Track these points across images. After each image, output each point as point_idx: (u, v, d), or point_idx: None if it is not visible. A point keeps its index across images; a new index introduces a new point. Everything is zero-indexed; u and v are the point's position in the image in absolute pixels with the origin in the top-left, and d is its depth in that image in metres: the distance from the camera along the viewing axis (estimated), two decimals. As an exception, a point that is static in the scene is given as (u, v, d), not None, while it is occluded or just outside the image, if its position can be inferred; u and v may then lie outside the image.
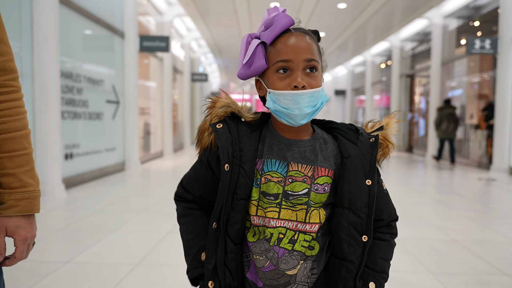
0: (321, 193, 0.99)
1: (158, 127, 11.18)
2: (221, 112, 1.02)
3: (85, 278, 2.63)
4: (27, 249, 0.95)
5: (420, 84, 13.91)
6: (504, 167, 7.99)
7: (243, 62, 0.97)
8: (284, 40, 0.95)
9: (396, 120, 1.07)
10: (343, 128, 1.05)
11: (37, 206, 0.95)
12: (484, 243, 3.53)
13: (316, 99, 0.94)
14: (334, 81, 24.93)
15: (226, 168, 0.97)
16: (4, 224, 0.91)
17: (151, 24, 10.72)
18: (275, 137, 1.02)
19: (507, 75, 7.95)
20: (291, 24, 0.96)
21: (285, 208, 0.98)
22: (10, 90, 0.91)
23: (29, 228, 0.94)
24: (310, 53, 0.94)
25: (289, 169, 0.99)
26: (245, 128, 1.01)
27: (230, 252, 0.99)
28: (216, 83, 27.32)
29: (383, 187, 1.05)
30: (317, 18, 11.03)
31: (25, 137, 0.93)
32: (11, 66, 0.92)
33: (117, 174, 7.39)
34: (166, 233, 3.58)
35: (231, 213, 0.98)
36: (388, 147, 1.04)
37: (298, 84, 0.92)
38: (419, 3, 9.78)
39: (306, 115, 0.94)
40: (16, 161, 0.91)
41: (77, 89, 6.09)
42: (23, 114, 0.94)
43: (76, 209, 4.51)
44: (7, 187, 0.91)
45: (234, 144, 0.98)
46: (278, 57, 0.94)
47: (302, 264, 0.99)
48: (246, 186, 0.97)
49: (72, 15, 5.96)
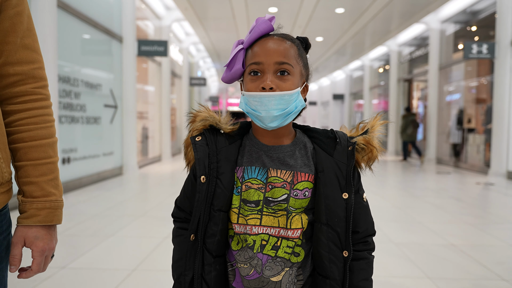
0: (301, 199, 0.99)
1: (156, 132, 11.18)
2: (200, 126, 1.04)
3: (81, 284, 2.61)
4: (44, 262, 0.92)
5: (418, 89, 13.95)
6: (502, 172, 8.00)
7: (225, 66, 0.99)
8: (259, 43, 0.96)
9: (381, 122, 1.04)
10: (322, 137, 1.04)
11: (59, 217, 0.93)
12: (482, 248, 3.52)
13: (286, 102, 0.94)
14: (332, 85, 24.99)
15: (202, 180, 0.98)
16: (23, 234, 0.89)
17: (150, 29, 10.74)
18: (255, 144, 1.02)
19: (504, 79, 7.98)
20: (269, 30, 0.97)
21: (266, 215, 0.98)
22: (39, 98, 0.91)
23: (48, 239, 0.91)
24: (282, 56, 0.93)
25: (269, 175, 0.99)
26: (223, 140, 1.02)
27: (207, 265, 1.00)
28: (215, 87, 27.36)
29: (363, 198, 1.03)
30: (315, 23, 11.06)
31: (51, 145, 0.93)
32: (40, 74, 0.92)
33: (115, 179, 7.37)
34: (163, 238, 3.56)
35: (209, 225, 0.99)
36: (373, 152, 1.01)
37: (265, 85, 0.92)
38: (416, 8, 9.83)
39: (275, 117, 0.93)
40: (40, 170, 0.90)
41: (74, 94, 6.09)
42: (50, 122, 0.93)
43: (73, 214, 4.49)
44: (29, 196, 0.89)
45: (211, 156, 0.99)
46: (251, 60, 0.96)
47: (287, 271, 0.99)
48: (223, 197, 0.98)
49: (70, 20, 5.96)
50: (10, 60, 0.88)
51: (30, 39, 0.91)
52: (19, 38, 0.88)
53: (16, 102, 0.89)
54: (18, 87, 0.89)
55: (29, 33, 0.91)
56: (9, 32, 0.87)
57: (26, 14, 0.90)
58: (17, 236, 0.89)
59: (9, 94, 0.89)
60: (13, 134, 0.89)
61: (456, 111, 10.85)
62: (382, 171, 9.26)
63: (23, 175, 0.90)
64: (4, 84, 0.89)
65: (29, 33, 0.91)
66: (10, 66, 0.88)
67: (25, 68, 0.89)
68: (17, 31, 0.88)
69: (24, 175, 0.90)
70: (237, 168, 1.01)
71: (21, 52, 0.89)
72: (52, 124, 0.94)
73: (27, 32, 0.90)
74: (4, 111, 0.90)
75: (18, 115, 0.89)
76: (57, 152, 0.96)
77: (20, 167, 0.90)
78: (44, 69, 0.94)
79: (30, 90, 0.90)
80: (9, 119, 0.89)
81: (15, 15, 0.87)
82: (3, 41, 0.87)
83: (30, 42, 0.91)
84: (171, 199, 5.40)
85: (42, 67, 0.93)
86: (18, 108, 0.89)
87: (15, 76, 0.88)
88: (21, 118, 0.89)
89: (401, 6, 9.62)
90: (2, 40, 0.87)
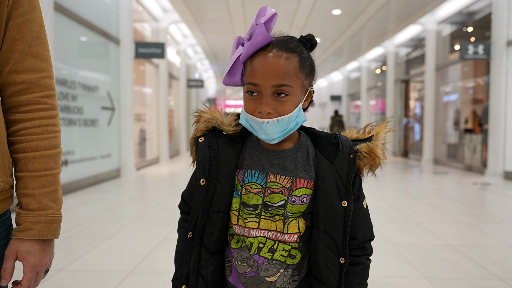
0: (299, 205, 0.98)
1: (154, 134, 11.17)
2: (203, 127, 1.03)
3: (79, 286, 2.61)
4: (36, 277, 0.88)
5: (415, 89, 13.99)
6: (498, 171, 8.03)
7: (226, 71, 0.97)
8: (256, 61, 0.92)
9: (386, 130, 1.02)
10: (325, 142, 1.02)
11: (54, 232, 0.91)
12: (479, 247, 3.53)
13: (285, 124, 0.93)
14: (330, 86, 25.04)
15: (202, 182, 0.99)
16: (16, 247, 0.86)
17: (147, 31, 10.75)
18: (256, 147, 1.02)
19: (500, 80, 8.01)
20: (267, 42, 0.92)
21: (264, 219, 0.99)
22: (44, 107, 0.89)
23: (41, 255, 0.88)
24: (280, 78, 0.90)
25: (268, 180, 0.99)
26: (225, 142, 1.02)
27: (203, 260, 1.01)
28: (212, 89, 27.36)
29: (363, 205, 1.02)
30: (312, 25, 11.09)
31: (53, 157, 0.91)
32: (47, 83, 0.90)
33: (113, 181, 7.37)
34: (160, 240, 3.56)
35: (207, 224, 1.00)
36: (375, 160, 0.99)
37: (262, 111, 0.91)
38: (413, 9, 9.87)
39: (275, 138, 0.94)
40: (38, 182, 0.88)
41: (72, 96, 6.08)
42: (54, 133, 0.91)
43: (71, 216, 4.49)
44: (25, 208, 0.87)
45: (212, 159, 0.99)
46: (248, 79, 0.94)
47: (282, 272, 1.00)
48: (222, 199, 0.99)
49: (67, 22, 5.96)
50: (17, 68, 0.86)
51: (40, 48, 0.89)
52: (27, 46, 0.87)
53: (21, 111, 0.88)
54: (23, 96, 0.87)
55: (39, 42, 0.89)
56: (17, 40, 0.86)
57: (37, 22, 0.89)
58: (10, 249, 0.87)
59: (14, 102, 0.88)
60: (16, 144, 0.88)
61: (452, 112, 10.88)
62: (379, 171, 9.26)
63: (21, 186, 0.88)
64: (10, 93, 0.87)
65: (39, 42, 0.89)
66: (17, 74, 0.86)
67: (31, 76, 0.87)
68: (25, 39, 0.86)
69: (22, 186, 0.88)
70: (237, 171, 1.01)
71: (29, 60, 0.87)
72: (56, 135, 0.92)
73: (37, 40, 0.89)
74: (9, 120, 0.88)
75: (22, 125, 0.88)
76: (60, 164, 0.93)
77: (19, 178, 0.88)
78: (52, 78, 0.92)
79: (36, 99, 0.88)
80: (13, 128, 0.88)
81: (24, 23, 0.86)
82: (11, 49, 0.86)
83: (39, 50, 0.89)
84: (169, 201, 5.40)
85: (50, 76, 0.91)
86: (22, 117, 0.88)
87: (21, 85, 0.87)
88: (25, 128, 0.88)
89: (397, 7, 9.66)
90: (10, 48, 0.86)
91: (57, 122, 0.93)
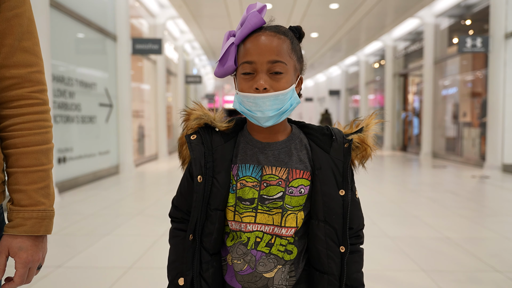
0: (297, 196, 0.99)
1: (152, 130, 11.16)
2: (195, 125, 1.03)
3: (77, 283, 2.61)
4: (29, 273, 0.88)
5: (413, 83, 13.98)
6: (497, 164, 8.04)
7: (218, 60, 0.98)
8: (251, 40, 0.94)
9: (375, 122, 1.04)
10: (318, 133, 1.04)
11: (46, 227, 0.89)
12: (477, 240, 3.55)
13: (281, 102, 0.93)
14: (328, 81, 24.99)
15: (199, 180, 0.98)
16: (8, 244, 0.86)
17: (144, 27, 10.70)
18: (249, 141, 1.02)
19: (498, 73, 8.01)
20: (261, 24, 0.94)
21: (261, 213, 0.99)
22: (34, 102, 0.88)
23: (33, 251, 0.87)
24: (275, 54, 0.92)
25: (264, 173, 0.99)
26: (219, 138, 1.01)
27: (205, 263, 1.00)
28: (211, 85, 27.31)
29: (355, 195, 1.04)
30: (309, 19, 11.05)
31: (44, 152, 0.89)
32: (38, 78, 0.89)
33: (111, 178, 7.36)
34: (159, 236, 3.57)
35: (206, 224, 0.99)
36: (367, 150, 1.02)
37: (259, 86, 0.91)
38: (410, 2, 9.84)
39: (270, 117, 0.94)
40: (29, 177, 0.87)
41: (69, 93, 6.07)
42: (45, 128, 0.90)
43: (69, 213, 4.49)
44: (17, 204, 0.87)
45: (207, 155, 0.99)
46: (243, 58, 0.94)
47: (280, 269, 1.00)
48: (219, 196, 0.98)
49: (63, 19, 5.93)
50: (6, 63, 0.85)
51: (29, 42, 0.88)
52: (17, 40, 0.86)
53: (11, 107, 0.87)
54: (14, 91, 0.86)
55: (29, 36, 0.88)
56: (6, 34, 0.85)
57: (27, 16, 0.88)
58: (2, 245, 0.86)
59: (5, 98, 0.87)
60: (7, 139, 0.87)
61: (451, 105, 10.88)
62: (378, 165, 9.29)
63: (13, 182, 0.88)
64: (0, 88, 0.86)
65: (29, 36, 0.88)
66: (6, 69, 0.85)
67: (22, 71, 0.86)
68: (14, 33, 0.85)
69: (13, 182, 0.87)
70: (232, 166, 1.00)
71: (18, 55, 0.86)
72: (48, 130, 0.91)
73: (27, 34, 0.87)
74: (0, 115, 0.88)
75: (12, 120, 0.87)
76: (52, 159, 0.92)
77: (11, 174, 0.88)
78: (43, 73, 0.91)
79: (26, 94, 0.87)
80: (4, 123, 0.87)
81: (14, 17, 0.85)
82: (0, 44, 0.85)
83: (29, 45, 0.88)
84: (167, 197, 5.40)
85: (40, 71, 0.90)
86: (13, 113, 0.87)
87: (11, 80, 0.86)
88: (15, 123, 0.87)
89: (395, 0, 9.62)
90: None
91: (48, 117, 0.92)
